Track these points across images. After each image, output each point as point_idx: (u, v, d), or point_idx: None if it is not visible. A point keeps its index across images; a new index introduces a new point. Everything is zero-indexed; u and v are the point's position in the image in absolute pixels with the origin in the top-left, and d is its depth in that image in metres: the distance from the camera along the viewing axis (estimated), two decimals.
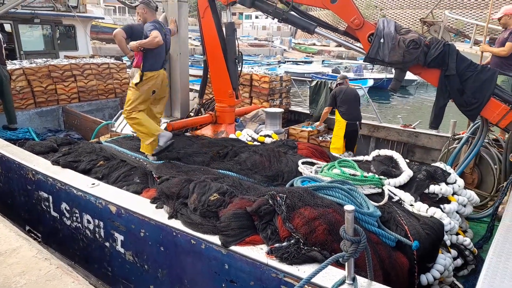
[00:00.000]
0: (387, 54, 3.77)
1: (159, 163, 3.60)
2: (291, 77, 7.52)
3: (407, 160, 3.51)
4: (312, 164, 3.45)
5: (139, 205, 2.75)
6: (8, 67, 6.06)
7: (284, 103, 7.14)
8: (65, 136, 6.09)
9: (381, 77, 18.43)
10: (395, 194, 2.93)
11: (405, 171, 3.17)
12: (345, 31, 4.41)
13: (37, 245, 2.70)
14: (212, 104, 5.72)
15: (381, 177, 3.09)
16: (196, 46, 27.10)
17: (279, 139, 4.44)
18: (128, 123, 4.09)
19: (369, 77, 19.02)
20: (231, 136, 4.74)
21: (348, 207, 1.63)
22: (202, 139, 4.68)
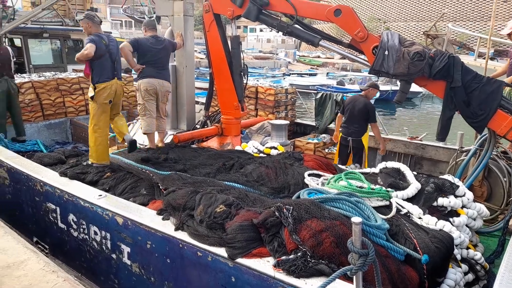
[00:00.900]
0: (392, 66, 3.79)
1: (165, 175, 3.61)
2: (296, 89, 7.56)
3: (415, 172, 3.49)
4: (318, 176, 3.44)
5: (146, 216, 2.75)
6: (17, 80, 6.17)
7: (289, 115, 7.16)
8: (73, 148, 6.14)
9: (386, 89, 18.44)
10: (403, 206, 2.91)
11: (412, 183, 3.14)
12: (349, 43, 4.45)
13: (45, 258, 2.71)
14: (218, 116, 5.76)
15: (389, 189, 3.07)
16: (201, 59, 27.38)
17: (285, 151, 4.44)
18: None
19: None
20: (237, 148, 4.76)
21: (355, 219, 1.63)
22: (208, 151, 4.70)
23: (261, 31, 56.22)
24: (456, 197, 3.06)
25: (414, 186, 3.09)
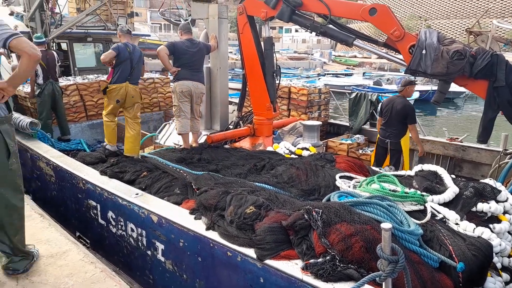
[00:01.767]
0: (430, 65, 3.66)
1: (198, 175, 3.70)
2: (330, 90, 7.47)
3: (453, 175, 3.34)
4: (350, 178, 3.39)
5: (179, 215, 2.84)
6: (62, 83, 6.56)
7: (322, 116, 7.09)
8: None
9: (426, 89, 17.74)
10: (438, 211, 2.80)
11: (450, 187, 3.01)
12: (385, 42, 4.35)
13: (84, 249, 2.88)
14: (250, 117, 5.82)
15: (424, 193, 2.97)
16: (236, 60, 27.69)
17: (316, 152, 4.41)
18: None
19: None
20: (269, 148, 4.78)
21: (384, 225, 1.60)
22: (240, 152, 4.76)
23: (296, 31, 55.84)
24: (497, 202, 2.90)
25: (451, 190, 2.96)
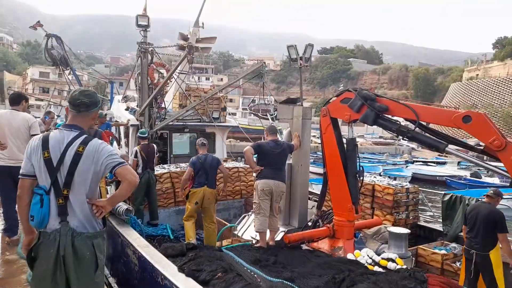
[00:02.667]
0: None
1: (273, 282, 3.56)
2: (419, 189, 6.94)
3: None
4: None
5: None
6: (158, 171, 7.25)
7: (411, 217, 6.52)
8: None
9: None
10: None
11: None
12: (482, 150, 4.01)
13: None
14: (330, 215, 5.61)
15: None
16: (318, 143, 28.04)
17: (404, 268, 3.96)
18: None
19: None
20: (349, 256, 4.46)
21: None
22: (318, 256, 4.53)
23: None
24: None
25: None
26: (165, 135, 9.91)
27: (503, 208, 6.12)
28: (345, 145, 5.17)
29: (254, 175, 5.41)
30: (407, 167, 23.28)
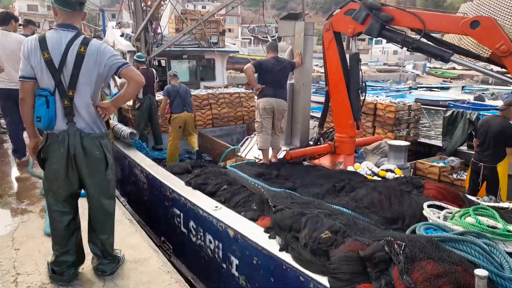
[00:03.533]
0: None
1: (275, 192, 3.72)
2: (422, 106, 6.93)
3: None
4: (441, 208, 3.06)
5: (254, 232, 2.87)
6: (159, 97, 7.20)
7: (411, 134, 6.59)
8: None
9: None
10: None
11: None
12: (488, 58, 3.91)
13: (163, 258, 3.08)
14: (331, 134, 5.67)
15: None
16: (321, 73, 27.45)
17: (402, 176, 4.10)
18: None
19: None
20: (349, 168, 4.60)
21: (479, 272, 1.41)
22: (319, 170, 4.67)
23: (387, 42, 53.24)
24: None
25: None
26: (164, 63, 9.69)
27: None
28: (348, 61, 5.04)
29: (255, 95, 5.34)
30: (410, 93, 22.98)
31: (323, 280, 2.21)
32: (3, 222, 3.47)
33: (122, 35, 9.42)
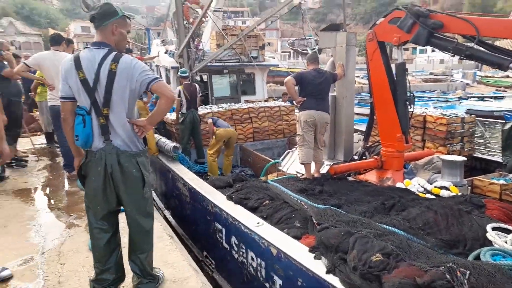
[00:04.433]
0: None
1: (320, 208, 3.56)
2: (476, 118, 6.45)
3: None
4: (507, 231, 2.76)
5: (298, 251, 2.74)
6: (201, 111, 7.32)
7: (466, 149, 6.14)
8: (240, 171, 6.85)
9: None
10: None
11: None
12: None
13: (203, 278, 3.01)
14: (377, 148, 5.42)
15: None
16: (363, 84, 26.83)
17: (460, 194, 3.78)
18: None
19: None
20: (399, 185, 4.33)
21: None
22: (366, 186, 4.45)
23: (433, 51, 51.23)
24: None
25: None
26: (206, 79, 9.89)
27: None
28: (394, 71, 4.82)
29: (296, 107, 5.24)
30: (460, 103, 21.71)
31: None
32: (52, 236, 3.60)
33: (166, 52, 9.76)
